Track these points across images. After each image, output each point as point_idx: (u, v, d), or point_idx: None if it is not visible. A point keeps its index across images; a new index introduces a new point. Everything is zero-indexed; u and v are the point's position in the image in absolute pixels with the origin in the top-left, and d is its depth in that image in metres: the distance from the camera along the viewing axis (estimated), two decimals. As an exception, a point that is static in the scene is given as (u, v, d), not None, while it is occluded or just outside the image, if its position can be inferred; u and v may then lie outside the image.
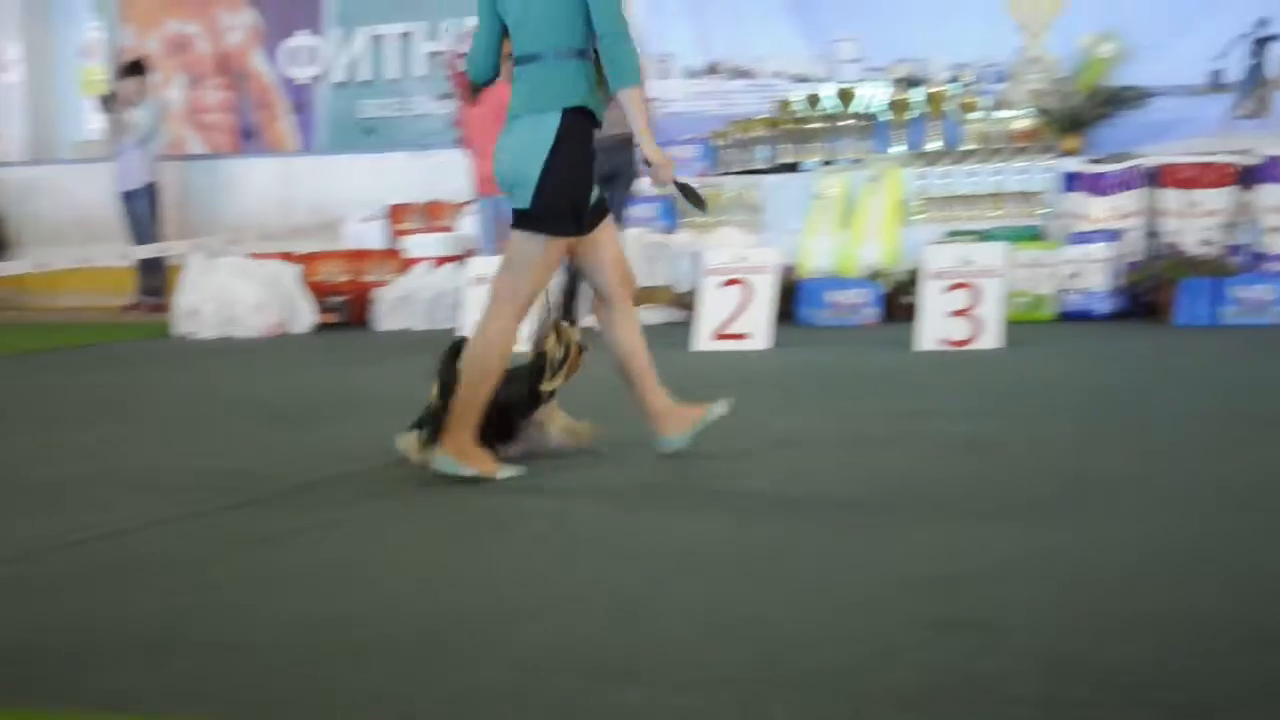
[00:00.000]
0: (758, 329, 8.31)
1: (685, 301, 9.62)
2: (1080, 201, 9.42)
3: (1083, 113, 10.12)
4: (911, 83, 10.91)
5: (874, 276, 9.62)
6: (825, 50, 11.42)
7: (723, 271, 8.55)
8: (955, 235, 9.58)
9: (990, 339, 7.74)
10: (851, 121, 10.87)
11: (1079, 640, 2.59)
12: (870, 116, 10.86)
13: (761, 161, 10.96)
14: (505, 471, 4.42)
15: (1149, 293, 8.90)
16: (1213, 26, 10.13)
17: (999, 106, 10.52)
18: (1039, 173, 9.84)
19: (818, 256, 9.96)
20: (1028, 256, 9.17)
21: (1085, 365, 7.06)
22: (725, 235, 10.04)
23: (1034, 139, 10.13)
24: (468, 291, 8.74)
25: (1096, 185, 9.39)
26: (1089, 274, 8.95)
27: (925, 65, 11.00)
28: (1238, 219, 8.99)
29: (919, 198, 10.05)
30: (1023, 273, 9.06)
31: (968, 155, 10.18)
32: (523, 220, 4.41)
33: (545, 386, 4.76)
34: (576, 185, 4.36)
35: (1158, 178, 9.25)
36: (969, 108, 10.51)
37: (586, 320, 9.64)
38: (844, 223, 10.03)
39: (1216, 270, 8.55)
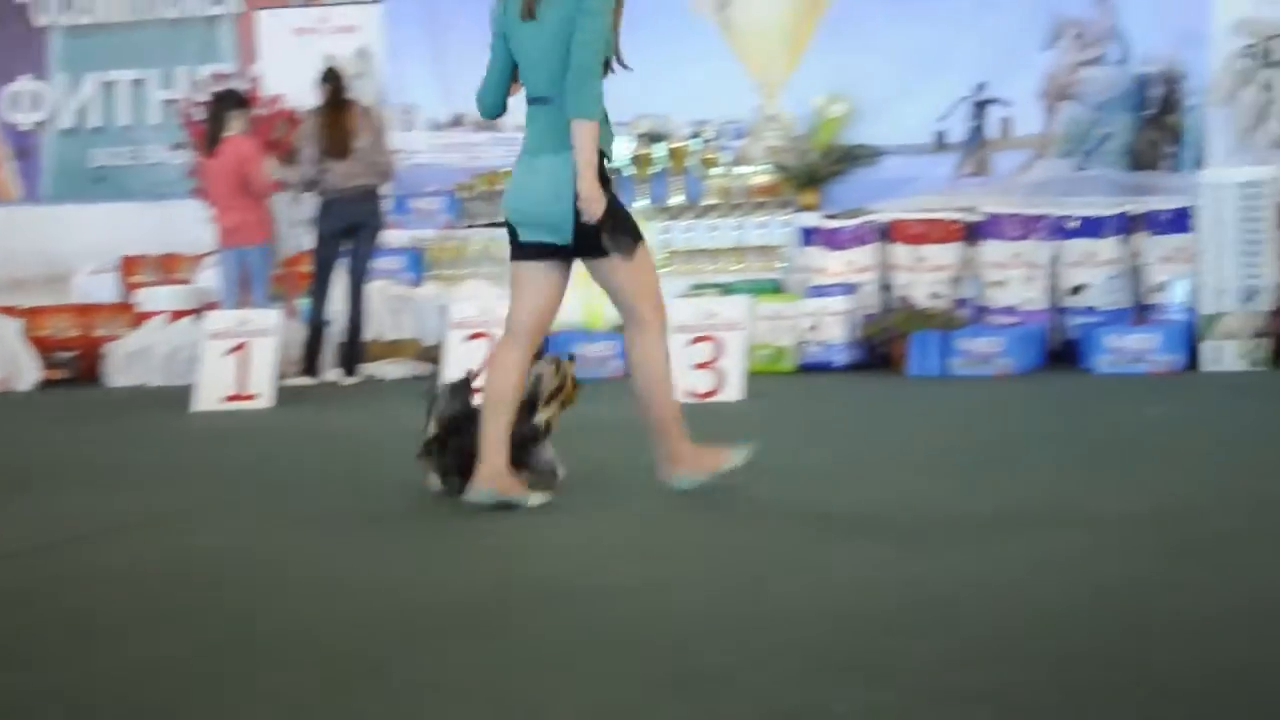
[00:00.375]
0: (506, 383, 8.27)
1: (431, 355, 9.52)
2: (817, 256, 9.71)
3: (818, 169, 10.47)
4: (654, 138, 11.08)
5: (621, 329, 9.70)
6: (570, 105, 11.51)
7: (470, 325, 8.49)
8: (699, 289, 9.76)
9: (733, 391, 7.87)
10: (596, 175, 10.98)
11: (799, 691, 2.61)
12: (614, 170, 10.99)
13: (508, 214, 10.97)
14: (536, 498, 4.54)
15: (883, 345, 9.21)
16: (936, 89, 10.59)
17: (739, 162, 10.77)
18: (778, 227, 10.12)
19: (565, 309, 9.99)
20: (768, 309, 9.39)
21: (824, 414, 7.25)
22: (472, 288, 9.99)
23: (773, 194, 10.41)
24: (206, 345, 8.45)
25: (832, 240, 9.70)
26: (827, 327, 9.22)
27: (667, 121, 11.20)
28: (963, 274, 9.40)
29: (663, 251, 10.20)
30: (764, 325, 9.28)
31: (710, 210, 10.40)
32: (580, 252, 4.54)
33: (540, 417, 4.86)
34: (611, 206, 4.47)
35: (889, 233, 9.60)
36: (710, 163, 10.74)
37: (330, 374, 9.45)
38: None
39: (945, 323, 8.91)
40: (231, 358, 8.35)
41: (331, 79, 9.51)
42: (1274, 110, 9.08)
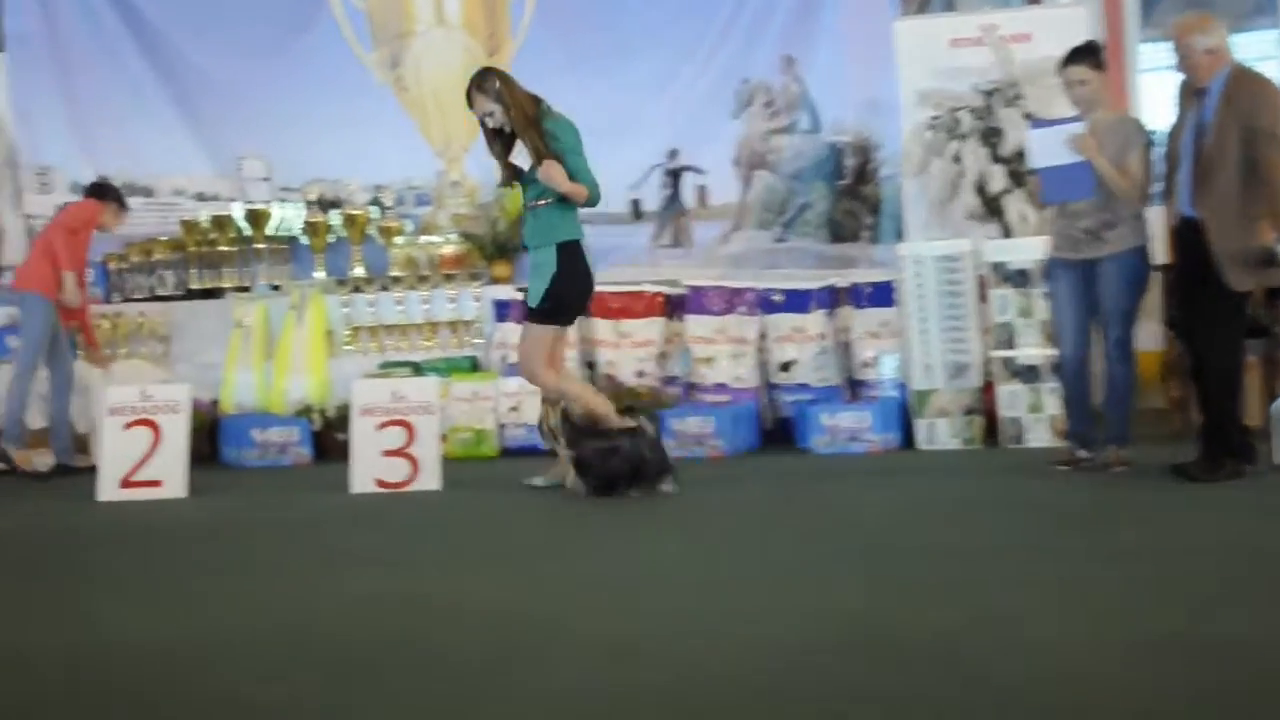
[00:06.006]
0: (171, 475, 7.20)
1: (83, 444, 8.46)
2: (515, 331, 9.10)
3: (508, 239, 9.89)
4: (326, 204, 10.29)
5: (303, 412, 8.82)
6: (229, 168, 10.57)
7: (128, 410, 7.38)
8: (388, 367, 9.02)
9: (429, 479, 7.11)
10: (265, 244, 10.08)
11: None
12: (288, 239, 10.13)
13: (169, 287, 9.95)
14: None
15: (591, 424, 8.67)
16: (627, 156, 10.12)
17: (424, 231, 10.08)
18: (470, 301, 9.45)
19: (241, 391, 9.03)
20: (465, 389, 8.72)
21: (521, 504, 6.54)
22: (129, 369, 8.89)
23: (462, 266, 9.75)
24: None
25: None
26: (531, 406, 8.60)
27: (341, 186, 10.43)
28: (669, 349, 8.94)
29: (346, 327, 9.38)
30: (462, 406, 8.61)
31: (395, 282, 9.60)
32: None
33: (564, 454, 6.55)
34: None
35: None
36: (393, 232, 9.99)
37: None
38: (266, 354, 9.18)
39: (654, 403, 8.41)
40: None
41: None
42: (965, 183, 9.03)
